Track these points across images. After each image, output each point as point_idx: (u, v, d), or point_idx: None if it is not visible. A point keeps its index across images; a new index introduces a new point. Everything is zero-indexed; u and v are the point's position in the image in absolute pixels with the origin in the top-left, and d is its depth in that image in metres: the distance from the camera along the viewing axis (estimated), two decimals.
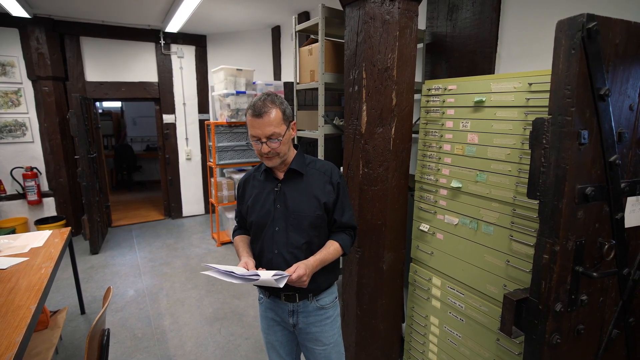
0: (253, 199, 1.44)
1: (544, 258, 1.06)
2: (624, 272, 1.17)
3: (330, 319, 1.49)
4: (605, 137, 1.03)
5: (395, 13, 1.73)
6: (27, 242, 2.44)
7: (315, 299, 1.45)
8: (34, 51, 4.25)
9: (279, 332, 1.53)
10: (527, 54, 2.02)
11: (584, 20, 0.93)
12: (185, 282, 3.55)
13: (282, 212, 1.38)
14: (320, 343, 1.48)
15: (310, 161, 1.46)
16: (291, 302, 1.44)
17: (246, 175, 1.53)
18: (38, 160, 4.56)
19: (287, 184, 1.41)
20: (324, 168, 1.44)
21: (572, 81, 0.97)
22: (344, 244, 1.42)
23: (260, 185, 1.45)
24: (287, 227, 1.38)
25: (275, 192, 1.40)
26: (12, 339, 1.39)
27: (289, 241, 1.37)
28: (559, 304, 1.06)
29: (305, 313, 1.45)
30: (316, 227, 1.39)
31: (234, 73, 4.15)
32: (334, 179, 1.42)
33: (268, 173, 1.45)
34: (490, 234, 1.59)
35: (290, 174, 1.41)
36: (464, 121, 1.67)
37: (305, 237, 1.37)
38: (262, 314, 1.55)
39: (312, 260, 1.31)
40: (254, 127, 1.30)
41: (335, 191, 1.41)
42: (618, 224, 1.12)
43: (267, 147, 1.30)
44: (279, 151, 1.33)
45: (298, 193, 1.39)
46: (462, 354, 1.78)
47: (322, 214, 1.39)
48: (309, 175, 1.42)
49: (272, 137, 1.30)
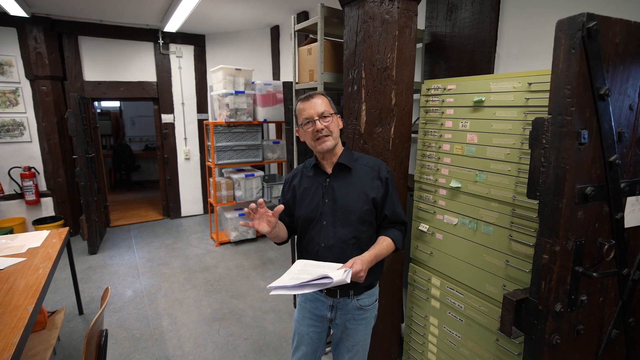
0: (302, 194, 1.45)
1: (543, 258, 1.06)
2: (623, 272, 1.17)
3: (366, 320, 1.49)
4: (605, 137, 1.03)
5: (395, 13, 1.72)
6: (25, 242, 2.43)
7: (355, 298, 1.45)
8: (32, 50, 4.23)
9: (312, 327, 1.52)
10: (526, 54, 2.02)
11: (584, 20, 0.93)
12: (183, 283, 3.54)
13: (330, 206, 1.39)
14: (352, 338, 1.49)
15: (358, 157, 1.47)
16: (332, 297, 1.44)
17: (293, 172, 1.54)
18: (36, 160, 4.54)
19: (335, 179, 1.41)
20: (371, 163, 1.45)
21: (572, 81, 0.96)
22: (396, 239, 1.41)
23: (309, 181, 1.45)
24: (334, 222, 1.38)
25: (324, 187, 1.41)
26: (10, 340, 1.39)
27: (337, 235, 1.37)
28: (558, 304, 1.06)
29: (344, 310, 1.46)
30: (364, 222, 1.39)
31: (233, 73, 4.14)
32: (382, 174, 1.42)
33: (317, 168, 1.45)
34: (490, 234, 1.59)
35: (339, 169, 1.42)
36: (464, 121, 1.67)
37: (354, 232, 1.38)
38: (300, 303, 1.56)
39: (367, 256, 1.29)
40: (306, 109, 1.35)
41: (383, 186, 1.41)
42: (618, 224, 1.12)
43: (320, 124, 1.33)
44: (332, 129, 1.35)
45: (346, 188, 1.39)
46: (462, 354, 1.77)
47: (370, 209, 1.38)
48: (357, 170, 1.42)
49: (324, 114, 1.34)
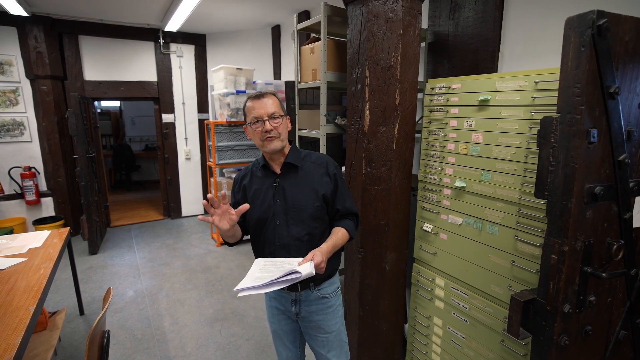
0: (253, 195, 1.45)
1: (552, 258, 1.05)
2: (631, 273, 1.16)
3: (331, 308, 1.51)
4: (614, 136, 1.02)
5: (399, 11, 1.71)
6: (26, 242, 2.42)
7: (316, 288, 1.47)
8: (32, 50, 4.22)
9: (283, 321, 1.55)
10: (530, 53, 2.01)
11: (594, 17, 0.92)
12: (185, 283, 3.53)
13: (281, 206, 1.40)
14: (323, 331, 1.51)
15: (305, 154, 1.48)
16: (293, 291, 1.46)
17: (243, 172, 1.53)
18: (36, 160, 4.53)
19: (285, 178, 1.42)
20: (319, 160, 1.46)
21: (581, 79, 0.95)
22: (349, 228, 1.45)
23: (259, 182, 1.46)
24: (287, 221, 1.39)
25: (274, 187, 1.42)
26: (11, 341, 1.38)
27: (290, 234, 1.39)
28: (567, 304, 1.05)
29: (307, 302, 1.48)
30: (316, 218, 1.41)
31: (234, 72, 4.13)
32: (330, 170, 1.45)
33: (266, 168, 1.46)
34: (495, 234, 1.58)
35: (287, 168, 1.43)
36: (469, 120, 1.66)
37: (307, 229, 1.39)
38: (267, 303, 1.59)
39: (325, 247, 1.32)
40: (255, 108, 1.35)
41: (332, 182, 1.43)
42: (626, 224, 1.11)
43: (270, 125, 1.34)
44: (280, 131, 1.37)
45: (296, 187, 1.41)
46: (466, 355, 1.76)
47: (321, 205, 1.41)
48: (306, 168, 1.44)
49: (274, 115, 1.35)
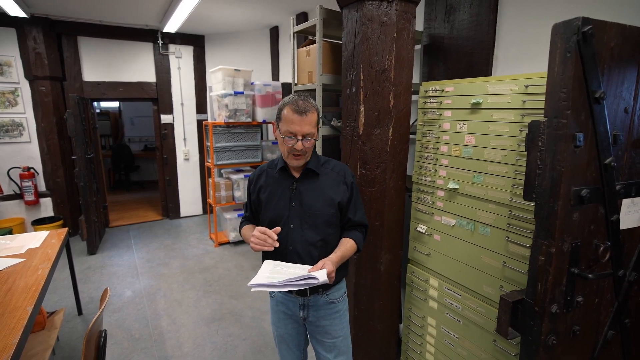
0: (268, 196, 1.45)
1: (539, 259, 1.07)
2: (619, 274, 1.18)
3: (339, 313, 1.52)
4: (600, 140, 1.04)
5: (393, 15, 1.73)
6: (24, 242, 2.43)
7: (325, 293, 1.48)
8: (31, 51, 4.23)
9: (290, 325, 1.56)
10: (524, 56, 2.03)
11: (579, 24, 0.94)
12: (182, 283, 3.55)
13: (297, 210, 1.41)
14: (330, 336, 1.51)
15: (325, 161, 1.49)
16: (302, 296, 1.47)
17: (258, 171, 1.54)
18: (35, 161, 4.54)
19: (302, 183, 1.43)
20: (337, 168, 1.48)
21: (567, 84, 0.97)
22: (358, 240, 1.47)
23: (275, 182, 1.46)
24: (302, 225, 1.40)
25: (291, 191, 1.42)
26: (9, 341, 1.39)
27: (304, 238, 1.40)
28: (554, 305, 1.07)
29: (315, 307, 1.49)
30: (331, 224, 1.42)
31: (232, 73, 4.14)
32: (348, 179, 1.46)
33: (284, 171, 1.46)
34: (487, 235, 1.60)
35: (306, 174, 1.43)
36: (461, 123, 1.68)
37: (321, 235, 1.41)
38: (273, 307, 1.58)
39: (335, 257, 1.34)
40: (295, 123, 1.30)
41: (349, 190, 1.45)
42: (613, 226, 1.13)
43: (302, 145, 1.32)
44: (307, 149, 1.36)
45: (313, 192, 1.42)
46: (459, 354, 1.78)
47: (336, 212, 1.42)
48: (324, 175, 1.45)
49: (308, 135, 1.33)
